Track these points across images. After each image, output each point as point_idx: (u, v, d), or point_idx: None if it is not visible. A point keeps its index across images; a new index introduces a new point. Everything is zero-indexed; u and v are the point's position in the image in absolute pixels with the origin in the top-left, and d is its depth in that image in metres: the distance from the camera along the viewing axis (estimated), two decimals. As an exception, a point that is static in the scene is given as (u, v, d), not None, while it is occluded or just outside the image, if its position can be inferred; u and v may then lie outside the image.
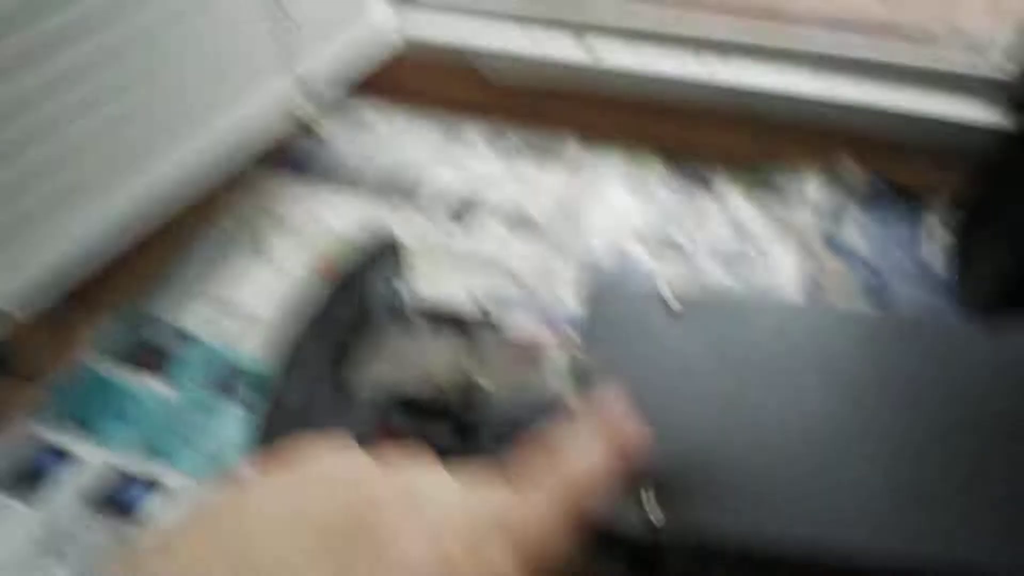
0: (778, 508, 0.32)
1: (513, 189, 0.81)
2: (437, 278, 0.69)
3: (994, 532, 0.31)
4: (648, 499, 0.32)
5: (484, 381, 0.36)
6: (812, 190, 0.80)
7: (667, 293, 0.40)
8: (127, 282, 0.70)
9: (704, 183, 0.82)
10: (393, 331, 0.40)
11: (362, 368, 0.38)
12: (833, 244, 0.74)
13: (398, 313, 0.44)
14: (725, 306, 0.41)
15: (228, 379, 0.62)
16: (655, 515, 0.31)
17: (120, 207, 0.59)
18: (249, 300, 0.69)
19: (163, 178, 0.62)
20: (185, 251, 0.73)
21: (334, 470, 0.20)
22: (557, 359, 0.37)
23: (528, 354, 0.37)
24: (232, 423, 0.59)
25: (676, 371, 0.37)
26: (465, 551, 0.19)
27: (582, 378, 0.37)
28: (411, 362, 0.38)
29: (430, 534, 0.19)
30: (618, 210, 0.79)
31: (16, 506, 0.53)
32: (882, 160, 0.80)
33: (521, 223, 0.77)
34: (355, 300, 0.39)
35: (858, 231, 0.76)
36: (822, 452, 0.34)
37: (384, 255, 0.41)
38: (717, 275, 0.72)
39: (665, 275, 0.73)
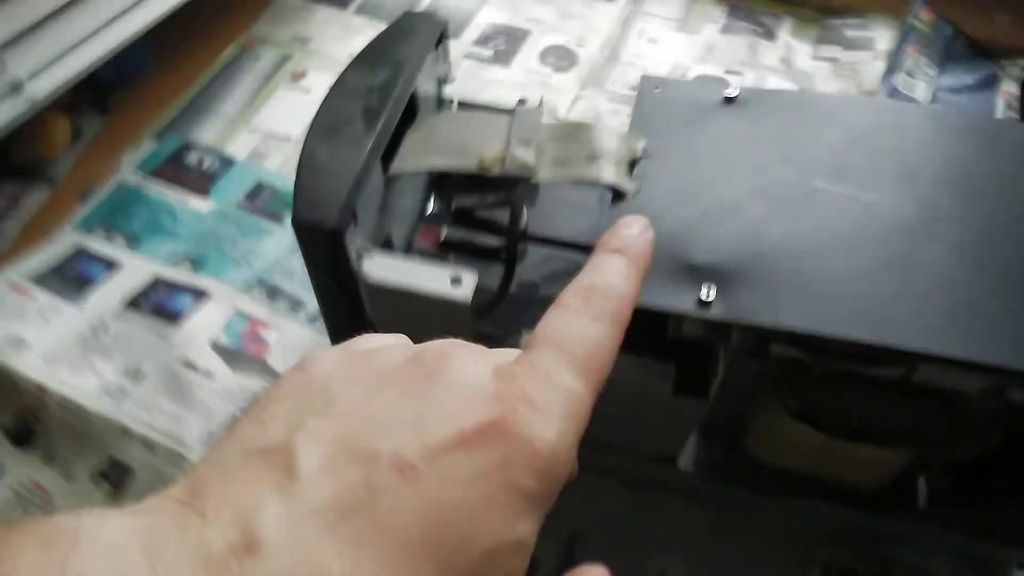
0: (832, 301, 0.30)
1: (561, 27, 0.77)
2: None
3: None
4: (707, 288, 0.31)
5: (531, 157, 0.35)
6: (880, 38, 0.74)
7: (725, 83, 0.38)
8: (167, 108, 0.69)
9: (764, 29, 0.77)
10: (439, 114, 0.39)
11: (407, 150, 0.37)
12: (898, 96, 0.70)
13: (442, 97, 0.42)
14: (783, 98, 0.38)
15: (257, 193, 0.62)
16: (710, 302, 0.30)
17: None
18: (279, 122, 0.68)
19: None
20: (220, 78, 0.72)
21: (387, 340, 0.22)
22: (606, 138, 0.35)
23: (576, 132, 0.35)
24: (260, 234, 0.59)
25: (730, 157, 0.35)
26: (526, 367, 0.20)
27: (631, 157, 0.36)
28: (458, 141, 0.36)
29: (486, 357, 0.20)
30: (670, 53, 0.74)
31: (64, 307, 0.54)
32: (959, 11, 0.74)
33: (564, 59, 0.73)
34: (394, 67, 0.37)
35: (926, 84, 0.71)
36: (883, 247, 0.32)
37: (426, 33, 0.39)
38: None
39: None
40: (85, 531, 0.16)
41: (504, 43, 0.75)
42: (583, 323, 0.21)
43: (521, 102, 0.37)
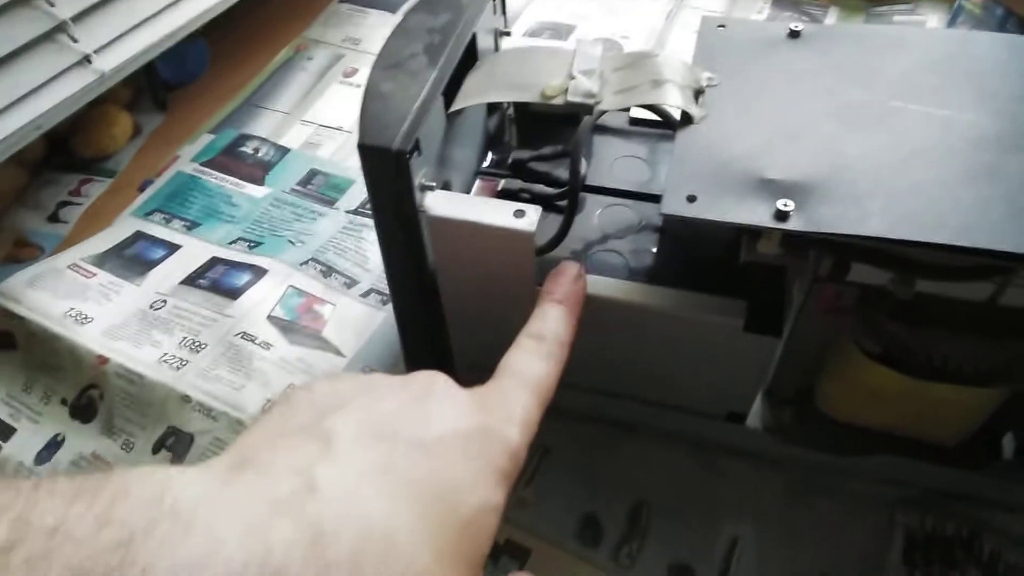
0: (916, 210, 0.29)
1: (607, 22, 0.77)
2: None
3: None
4: (783, 202, 0.29)
5: (595, 85, 0.34)
6: (929, 22, 0.73)
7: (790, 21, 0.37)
8: (223, 106, 0.71)
9: (810, 19, 0.77)
10: (499, 53, 0.39)
11: (469, 87, 0.37)
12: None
13: (500, 42, 0.42)
14: (849, 30, 0.38)
15: (309, 179, 0.63)
16: (788, 211, 0.29)
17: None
18: (331, 114, 0.70)
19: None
20: (275, 77, 0.74)
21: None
22: (671, 65, 0.35)
23: (640, 61, 0.35)
24: (314, 216, 0.60)
25: (799, 85, 0.35)
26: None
27: (696, 86, 0.35)
28: (519, 74, 0.36)
29: (459, 386, 0.27)
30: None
31: (125, 285, 0.55)
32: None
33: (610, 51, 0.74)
34: (455, 10, 0.37)
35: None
36: (966, 159, 0.31)
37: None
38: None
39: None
40: (173, 475, 0.20)
41: (550, 37, 0.76)
42: (534, 361, 0.29)
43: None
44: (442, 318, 0.41)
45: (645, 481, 0.44)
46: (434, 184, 0.34)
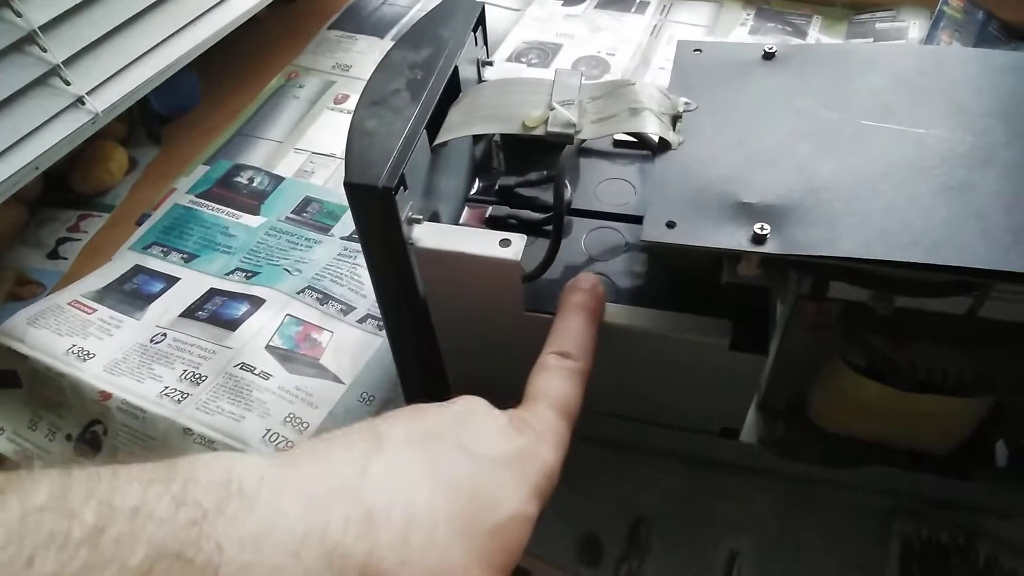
0: (890, 229, 0.30)
1: (593, 40, 0.78)
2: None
3: None
4: (760, 225, 0.30)
5: (574, 115, 0.35)
6: (911, 27, 0.74)
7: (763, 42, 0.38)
8: (217, 137, 0.72)
9: (794, 29, 0.78)
10: (480, 85, 0.39)
11: (451, 120, 0.38)
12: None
13: (482, 80, 0.43)
14: (822, 50, 0.38)
15: (304, 207, 0.64)
16: (765, 235, 0.30)
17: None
18: (323, 142, 0.70)
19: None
20: (267, 106, 0.75)
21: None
22: (648, 93, 0.35)
23: (618, 90, 0.36)
24: (310, 244, 0.61)
25: (774, 107, 0.35)
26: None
27: (674, 112, 0.36)
28: (500, 106, 0.37)
29: (496, 410, 0.30)
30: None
31: (125, 320, 0.56)
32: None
33: (597, 68, 0.75)
34: (436, 45, 0.38)
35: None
36: (938, 175, 0.31)
37: (467, 15, 0.40)
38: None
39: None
40: (237, 459, 0.22)
41: (537, 57, 0.77)
42: (561, 382, 0.31)
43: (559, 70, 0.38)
44: (436, 346, 0.42)
45: (643, 499, 0.44)
46: (421, 217, 0.35)
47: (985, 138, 0.32)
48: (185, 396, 0.50)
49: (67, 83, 0.53)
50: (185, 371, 0.52)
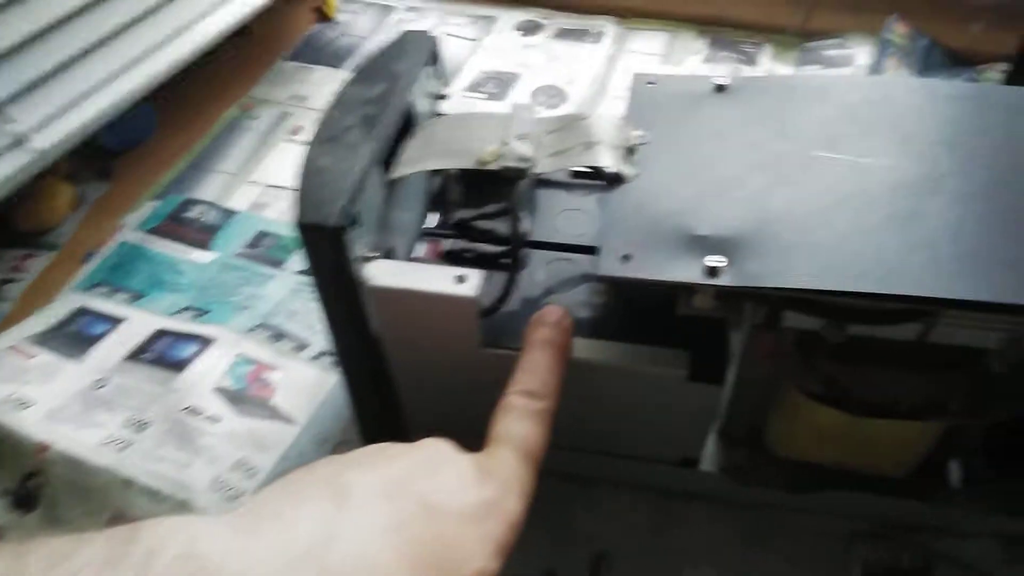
0: (840, 259, 0.30)
1: (550, 69, 0.79)
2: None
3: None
4: (714, 258, 0.30)
5: (529, 149, 0.35)
6: (859, 54, 0.76)
7: (716, 74, 0.38)
8: (169, 171, 0.70)
9: (746, 57, 0.79)
10: (435, 119, 0.39)
11: (406, 156, 0.37)
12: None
13: (438, 113, 0.43)
14: (773, 82, 0.39)
15: (258, 242, 0.63)
16: (718, 267, 0.30)
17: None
18: (278, 174, 0.69)
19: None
20: (221, 139, 0.74)
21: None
22: (602, 126, 0.35)
23: (573, 123, 0.36)
24: (263, 280, 0.60)
25: (726, 139, 0.36)
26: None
27: (628, 144, 0.36)
28: (455, 141, 0.36)
29: (464, 453, 0.29)
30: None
31: (66, 365, 0.53)
32: (934, 23, 0.76)
33: (555, 97, 0.75)
34: (390, 80, 0.38)
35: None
36: (887, 205, 0.32)
37: (420, 49, 0.40)
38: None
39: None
40: (200, 530, 0.22)
41: (495, 87, 0.77)
42: (525, 424, 0.30)
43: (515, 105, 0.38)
44: (392, 383, 0.41)
45: (604, 532, 0.44)
46: (374, 254, 0.34)
47: (931, 167, 0.33)
48: (128, 444, 0.48)
49: (11, 120, 0.51)
50: (128, 417, 0.50)
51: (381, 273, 0.34)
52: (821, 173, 0.33)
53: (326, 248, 0.32)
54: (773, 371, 0.36)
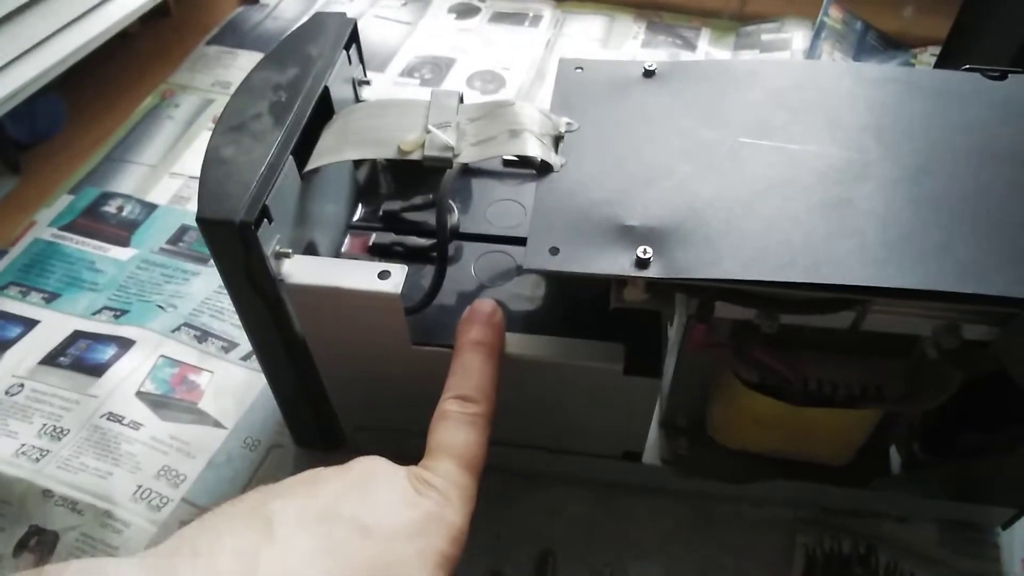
0: (769, 249, 0.29)
1: (487, 54, 0.77)
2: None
3: (996, 261, 0.28)
4: (643, 249, 0.29)
5: (451, 138, 0.33)
6: (795, 38, 0.76)
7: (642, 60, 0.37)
8: (83, 163, 0.66)
9: (684, 41, 0.79)
10: (352, 107, 0.37)
11: (323, 146, 0.35)
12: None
13: (360, 100, 0.41)
14: (701, 67, 0.38)
15: (180, 237, 0.60)
16: (647, 259, 0.29)
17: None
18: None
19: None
20: (139, 128, 0.70)
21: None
22: (527, 114, 0.34)
23: (497, 111, 0.34)
24: (186, 276, 0.57)
25: (654, 126, 0.35)
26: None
27: (555, 133, 0.35)
28: (375, 130, 0.35)
29: (399, 467, 0.28)
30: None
31: (-24, 372, 0.50)
32: (868, 7, 0.77)
33: (492, 83, 0.73)
34: (303, 64, 0.35)
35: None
36: (815, 192, 0.31)
37: (336, 32, 0.38)
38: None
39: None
40: (112, 568, 0.21)
41: (430, 72, 0.75)
42: (462, 431, 0.29)
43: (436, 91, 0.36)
44: (319, 383, 0.39)
45: (548, 529, 0.43)
46: (290, 251, 0.32)
47: (859, 153, 0.32)
48: (44, 453, 0.45)
49: None
50: (44, 425, 0.47)
51: (298, 270, 0.32)
52: (749, 160, 0.32)
53: (233, 245, 0.30)
54: (710, 361, 0.35)
